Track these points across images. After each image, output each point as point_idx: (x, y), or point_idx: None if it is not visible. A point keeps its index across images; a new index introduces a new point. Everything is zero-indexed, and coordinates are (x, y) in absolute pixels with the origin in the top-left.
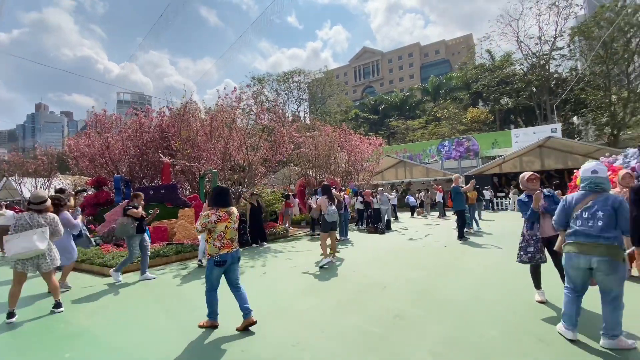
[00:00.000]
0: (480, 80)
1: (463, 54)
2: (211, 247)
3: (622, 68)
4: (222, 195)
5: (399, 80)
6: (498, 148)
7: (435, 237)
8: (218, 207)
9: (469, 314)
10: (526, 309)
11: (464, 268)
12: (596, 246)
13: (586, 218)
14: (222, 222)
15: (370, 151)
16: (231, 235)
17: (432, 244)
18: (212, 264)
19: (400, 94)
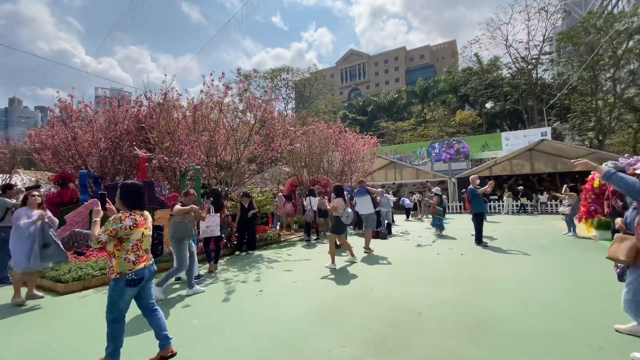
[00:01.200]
0: (468, 83)
1: (447, 60)
2: (121, 263)
3: (609, 74)
4: (137, 194)
5: (384, 83)
6: (488, 151)
7: (445, 243)
8: (132, 208)
9: (553, 355)
10: (620, 345)
11: (500, 283)
12: None
13: None
14: (139, 229)
15: (365, 150)
16: (147, 245)
17: (445, 251)
18: (124, 285)
19: (389, 95)
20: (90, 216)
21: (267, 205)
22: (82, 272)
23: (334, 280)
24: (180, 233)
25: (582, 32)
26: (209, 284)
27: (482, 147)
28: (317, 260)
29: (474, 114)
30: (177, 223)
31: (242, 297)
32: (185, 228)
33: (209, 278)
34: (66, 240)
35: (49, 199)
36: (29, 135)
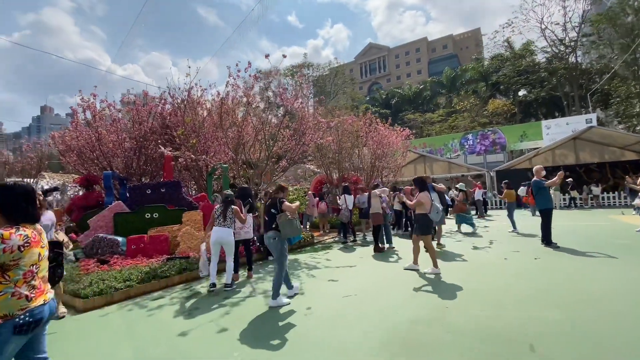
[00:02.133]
0: (500, 70)
1: (471, 49)
2: (6, 301)
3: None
4: (21, 199)
5: (406, 75)
6: (527, 141)
7: (504, 244)
8: (17, 221)
9: None
10: None
11: (611, 297)
12: None
13: None
14: (32, 249)
15: (398, 143)
16: (44, 272)
17: (511, 254)
18: (10, 332)
19: (414, 87)
20: (115, 219)
21: (298, 204)
22: (104, 285)
23: (395, 295)
24: (292, 231)
25: (621, 13)
26: (246, 298)
27: (520, 137)
28: (362, 268)
29: (507, 102)
30: (287, 221)
31: (289, 317)
32: (297, 226)
33: (243, 288)
34: (90, 246)
35: (74, 202)
36: (52, 137)
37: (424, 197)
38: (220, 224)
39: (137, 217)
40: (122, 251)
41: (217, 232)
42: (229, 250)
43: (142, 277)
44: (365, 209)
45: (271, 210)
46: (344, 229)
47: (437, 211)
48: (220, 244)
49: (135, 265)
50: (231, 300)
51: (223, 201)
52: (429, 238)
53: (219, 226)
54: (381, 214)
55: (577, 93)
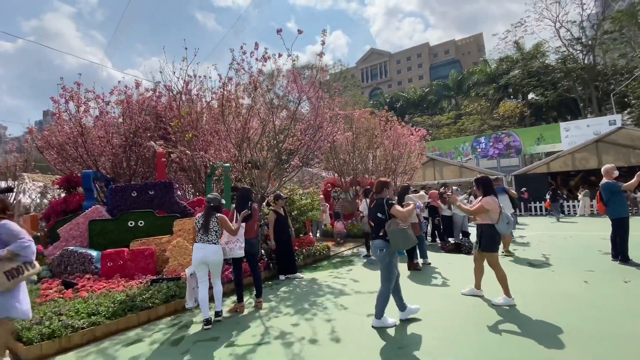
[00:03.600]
0: (511, 71)
1: (474, 54)
2: None
3: None
4: None
5: (407, 81)
6: (544, 144)
7: (564, 260)
8: None
9: None
10: None
11: None
12: None
13: None
14: None
15: (415, 143)
16: None
17: (586, 275)
18: None
19: (419, 90)
20: (90, 228)
21: (312, 210)
22: (59, 322)
23: (469, 339)
24: (405, 243)
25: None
26: (258, 345)
27: (537, 140)
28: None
29: (520, 104)
30: (399, 230)
31: None
32: (410, 236)
33: (252, 324)
34: (56, 262)
35: (53, 207)
36: (30, 131)
37: (491, 203)
38: (202, 238)
39: (117, 226)
40: (96, 269)
41: (199, 249)
42: (215, 272)
43: (114, 309)
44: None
45: (377, 214)
46: (367, 241)
47: (508, 221)
48: (205, 264)
49: (108, 291)
50: (236, 351)
51: (206, 208)
52: (495, 257)
53: (201, 242)
54: (417, 223)
55: (594, 95)
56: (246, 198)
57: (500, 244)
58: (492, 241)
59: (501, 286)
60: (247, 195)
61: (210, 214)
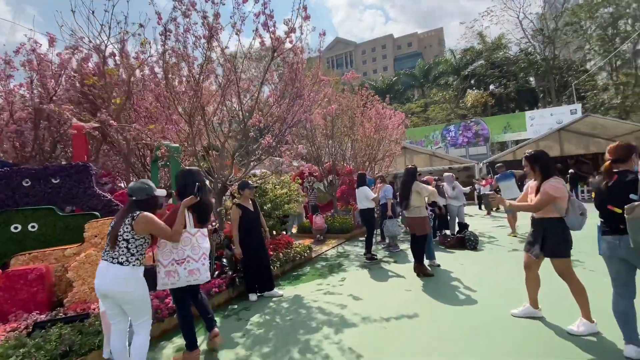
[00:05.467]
0: (475, 62)
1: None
2: None
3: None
4: None
5: (372, 72)
6: (511, 132)
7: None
8: None
9: None
10: None
11: None
12: None
13: None
14: None
15: (396, 127)
16: None
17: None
18: None
19: (387, 79)
20: None
21: (289, 203)
22: None
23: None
24: None
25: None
26: None
27: (504, 129)
28: (432, 316)
29: (485, 94)
30: None
31: None
32: None
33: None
34: None
35: None
36: None
37: (560, 188)
38: (105, 255)
39: None
40: None
41: (98, 274)
42: (130, 311)
43: None
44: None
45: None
46: (369, 239)
47: (582, 211)
48: (109, 298)
49: None
50: None
51: (126, 204)
52: (569, 263)
53: (103, 260)
54: (427, 218)
55: (552, 86)
56: (190, 184)
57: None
58: (564, 242)
59: (579, 305)
60: (195, 180)
61: (124, 214)
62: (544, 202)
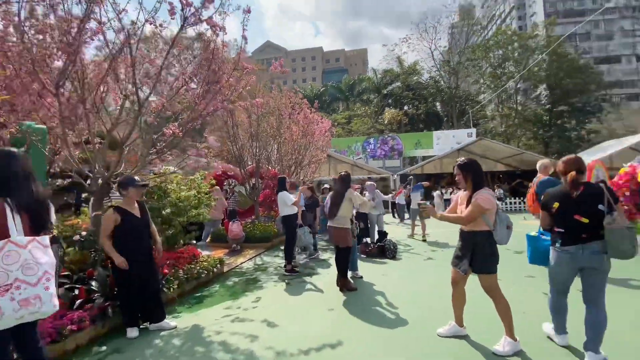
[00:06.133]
0: (393, 83)
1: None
2: None
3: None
4: None
5: (302, 81)
6: (421, 149)
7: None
8: None
9: None
10: None
11: None
12: None
13: None
14: None
15: (322, 133)
16: None
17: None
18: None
19: (315, 88)
20: None
21: (197, 208)
22: None
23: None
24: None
25: (494, 46)
26: None
27: (416, 145)
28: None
29: (401, 113)
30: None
31: None
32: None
33: None
34: None
35: None
36: None
37: (490, 200)
38: None
39: None
40: None
41: None
42: None
43: None
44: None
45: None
46: (289, 246)
47: (509, 224)
48: None
49: None
50: None
51: None
52: (495, 279)
53: None
54: (350, 230)
55: (454, 111)
56: (14, 171)
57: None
58: (492, 257)
59: (503, 323)
60: (13, 163)
61: None
62: (475, 214)
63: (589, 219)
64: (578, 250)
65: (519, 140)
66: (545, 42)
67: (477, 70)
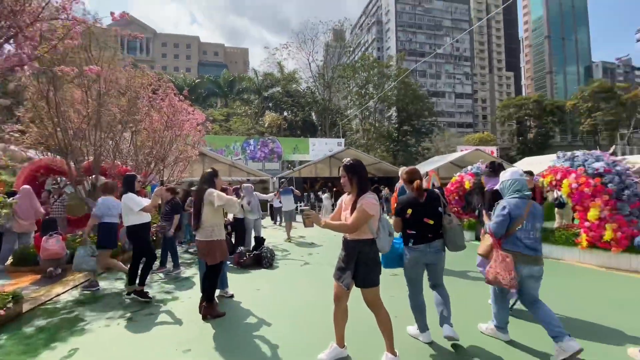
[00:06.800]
0: (274, 87)
1: (240, 65)
2: None
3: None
4: None
5: (174, 69)
6: (298, 153)
7: None
8: None
9: None
10: None
11: None
12: None
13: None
14: None
15: (193, 127)
16: None
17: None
18: None
19: (189, 79)
20: None
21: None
22: None
23: None
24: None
25: (360, 69)
26: None
27: (294, 150)
28: None
29: (280, 117)
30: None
31: None
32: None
33: None
34: None
35: None
36: None
37: (375, 205)
38: None
39: None
40: None
41: None
42: None
43: None
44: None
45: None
46: (133, 267)
47: (391, 231)
48: None
49: None
50: None
51: None
52: (377, 292)
53: None
54: (224, 242)
55: (327, 122)
56: None
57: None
58: (376, 267)
59: (384, 337)
60: None
61: None
62: (361, 221)
63: (433, 221)
64: (426, 248)
65: (375, 152)
66: (397, 72)
67: (346, 88)
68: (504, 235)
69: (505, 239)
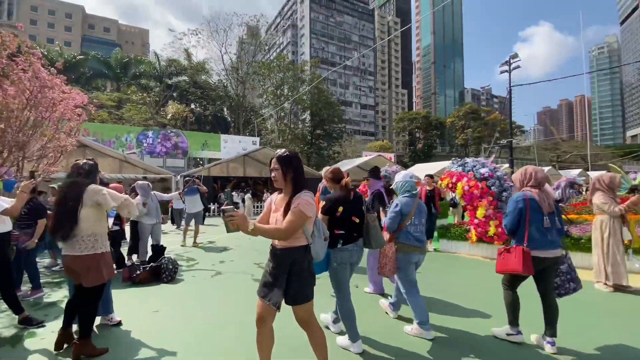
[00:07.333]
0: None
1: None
2: None
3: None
4: None
5: (47, 40)
6: (208, 150)
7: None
8: None
9: None
10: None
11: None
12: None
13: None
14: None
15: (71, 110)
16: None
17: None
18: None
19: (69, 54)
20: None
21: None
22: None
23: None
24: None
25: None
26: None
27: (203, 146)
28: None
29: (187, 109)
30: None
31: None
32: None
33: None
34: None
35: None
36: None
37: (311, 207)
38: None
39: None
40: None
41: None
42: None
43: None
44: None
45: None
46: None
47: (326, 235)
48: None
49: None
50: None
51: None
52: (311, 306)
53: None
54: (109, 254)
55: (240, 119)
56: None
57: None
58: (311, 279)
59: (317, 355)
60: None
61: None
62: (298, 225)
63: (359, 219)
64: (353, 247)
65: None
66: (311, 77)
67: (262, 86)
68: (396, 230)
69: (398, 232)
